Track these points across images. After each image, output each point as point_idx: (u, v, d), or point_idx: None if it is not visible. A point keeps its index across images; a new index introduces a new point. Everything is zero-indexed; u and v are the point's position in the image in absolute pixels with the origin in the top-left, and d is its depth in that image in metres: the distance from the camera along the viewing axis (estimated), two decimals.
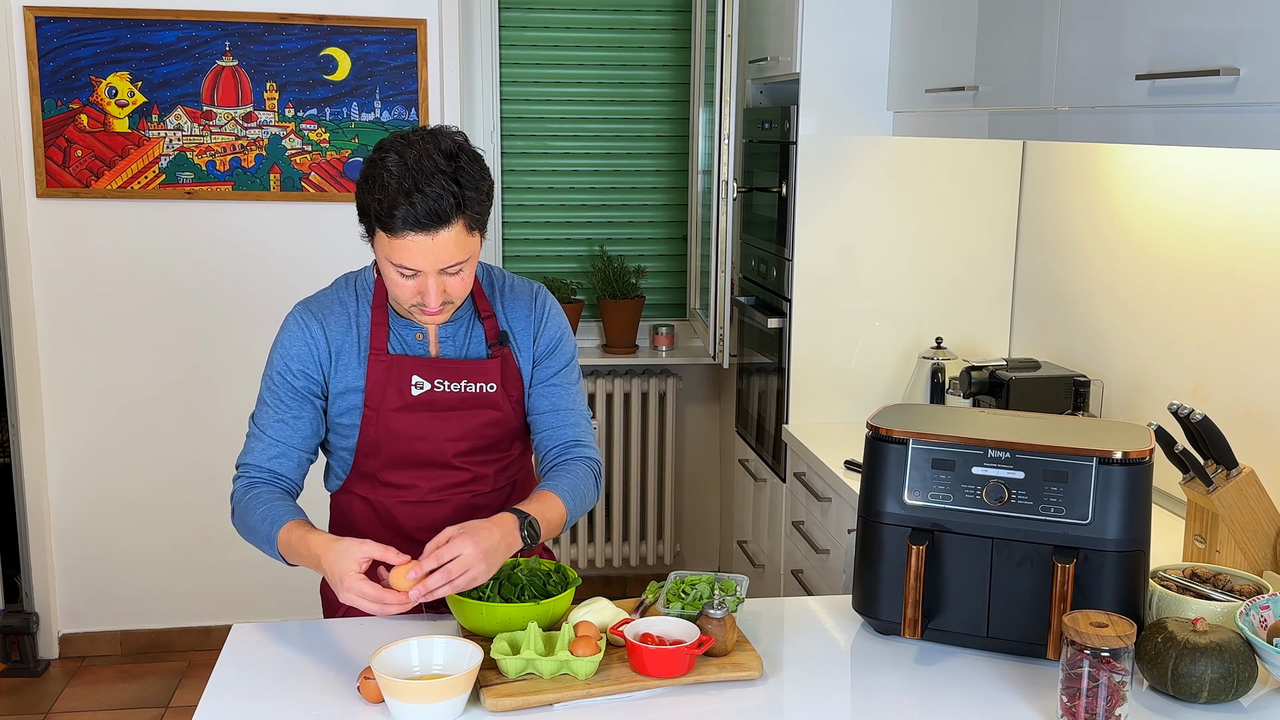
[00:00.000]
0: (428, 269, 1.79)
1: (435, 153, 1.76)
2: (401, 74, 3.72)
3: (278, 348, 1.95)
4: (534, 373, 2.01)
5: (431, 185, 1.74)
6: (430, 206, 1.74)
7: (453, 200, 1.75)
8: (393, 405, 1.92)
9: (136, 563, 3.88)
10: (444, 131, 1.82)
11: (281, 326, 1.96)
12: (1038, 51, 2.35)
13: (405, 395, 1.92)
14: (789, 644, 1.88)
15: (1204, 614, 1.74)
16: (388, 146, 1.80)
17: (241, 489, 1.92)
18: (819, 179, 3.17)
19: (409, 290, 1.82)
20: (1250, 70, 1.72)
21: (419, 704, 1.57)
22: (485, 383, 1.95)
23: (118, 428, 3.79)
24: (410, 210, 1.74)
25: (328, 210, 3.78)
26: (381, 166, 1.77)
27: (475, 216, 1.80)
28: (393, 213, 1.74)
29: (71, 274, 3.69)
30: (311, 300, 1.99)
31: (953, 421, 1.91)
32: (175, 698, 3.64)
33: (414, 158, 1.75)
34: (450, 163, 1.77)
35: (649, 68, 4.27)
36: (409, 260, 1.78)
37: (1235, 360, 2.39)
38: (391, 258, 1.79)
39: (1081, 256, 2.96)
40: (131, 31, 3.58)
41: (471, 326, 1.98)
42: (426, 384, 1.93)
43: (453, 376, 1.93)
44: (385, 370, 1.92)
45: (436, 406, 1.93)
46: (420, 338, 1.95)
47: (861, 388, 3.30)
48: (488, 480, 2.02)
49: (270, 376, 1.95)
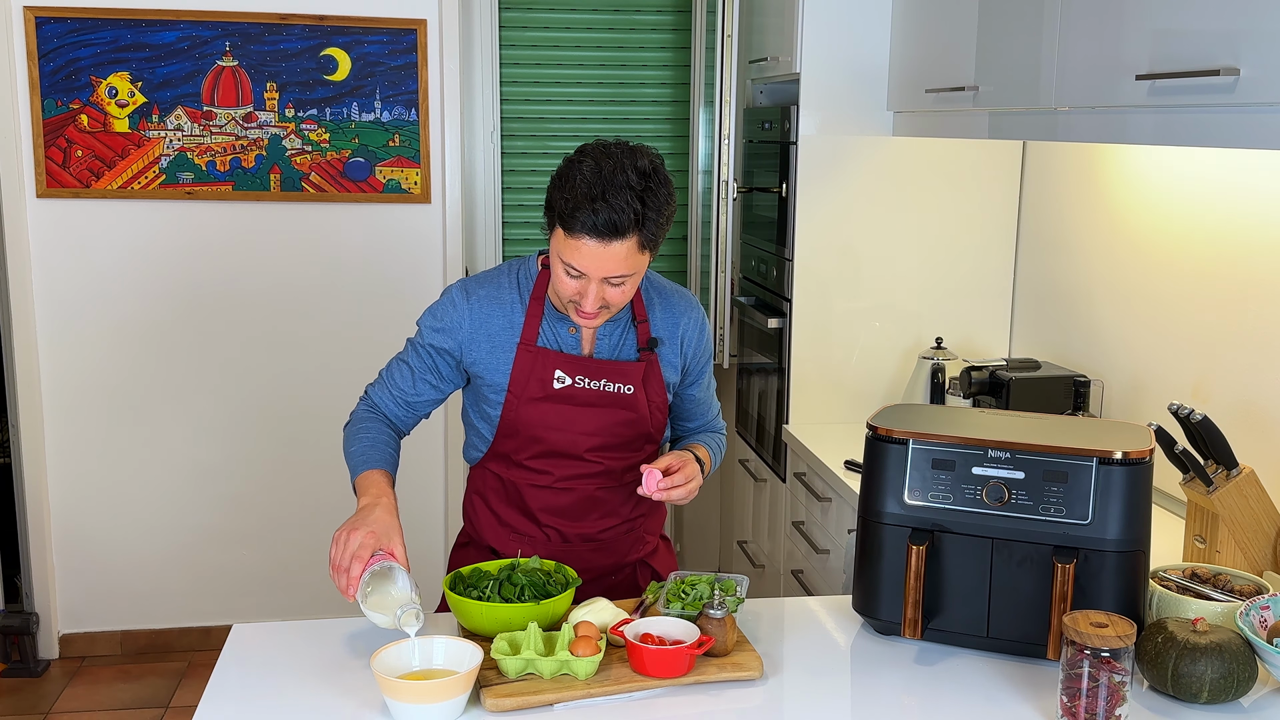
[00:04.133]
0: (593, 274, 1.86)
1: (630, 168, 1.83)
2: (401, 74, 3.72)
3: (430, 314, 2.04)
4: (683, 380, 2.13)
5: (618, 198, 1.81)
6: (610, 217, 1.81)
7: (633, 216, 1.82)
8: (534, 395, 2.00)
9: (136, 563, 3.88)
10: (643, 150, 1.89)
11: (440, 295, 2.06)
12: (1038, 51, 2.35)
13: (547, 387, 2.00)
14: (789, 644, 1.88)
15: (1204, 614, 1.74)
16: (588, 151, 1.87)
17: (362, 412, 2.08)
18: (819, 179, 3.17)
19: (571, 288, 1.90)
20: (1250, 70, 1.72)
21: (419, 704, 1.57)
22: (625, 384, 2.02)
23: (118, 428, 3.80)
24: (591, 216, 1.81)
25: (328, 210, 3.78)
26: (577, 169, 1.84)
27: (650, 237, 1.87)
28: (575, 214, 1.82)
29: (71, 274, 3.69)
30: (472, 281, 2.05)
31: (953, 421, 1.91)
32: (175, 698, 3.64)
33: (609, 168, 1.83)
34: (641, 180, 1.83)
35: (649, 68, 4.27)
36: (578, 262, 1.85)
37: (1235, 360, 2.39)
38: (563, 255, 1.87)
39: (1081, 256, 2.96)
40: (131, 31, 3.58)
41: (627, 330, 2.05)
42: (568, 379, 2.00)
43: (594, 374, 2.01)
44: (530, 361, 1.99)
45: (575, 400, 2.01)
46: (574, 331, 2.02)
47: (861, 388, 3.30)
48: (615, 475, 2.09)
49: (416, 334, 2.07)
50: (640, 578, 2.20)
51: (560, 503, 2.08)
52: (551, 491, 2.07)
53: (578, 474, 2.06)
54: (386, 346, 3.88)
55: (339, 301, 3.85)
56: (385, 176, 3.78)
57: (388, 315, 3.89)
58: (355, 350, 3.89)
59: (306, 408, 3.89)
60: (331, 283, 3.83)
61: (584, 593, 2.07)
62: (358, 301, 3.86)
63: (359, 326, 3.87)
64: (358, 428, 2.05)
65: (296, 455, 3.91)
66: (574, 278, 1.88)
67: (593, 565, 2.12)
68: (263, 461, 3.90)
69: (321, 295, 3.84)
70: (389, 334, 3.89)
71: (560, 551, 2.09)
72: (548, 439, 2.03)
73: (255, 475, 3.90)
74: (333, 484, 3.97)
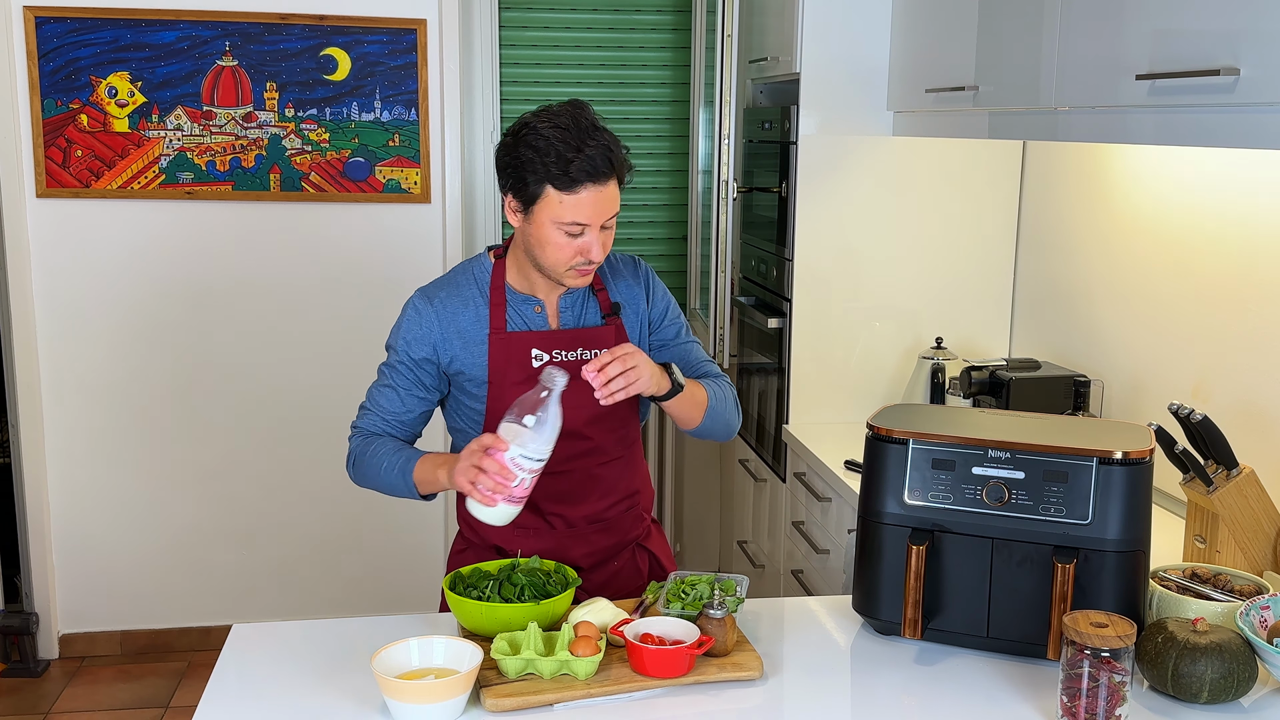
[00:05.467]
0: (595, 221, 1.89)
1: (580, 117, 1.89)
2: (401, 74, 3.72)
3: (397, 331, 2.05)
4: (652, 339, 2.13)
5: (594, 140, 1.87)
6: (602, 155, 1.87)
7: (611, 153, 1.89)
8: (515, 379, 2.00)
9: (136, 563, 3.88)
10: (580, 104, 1.93)
11: (403, 309, 2.06)
12: (1038, 51, 2.35)
13: (526, 368, 2.01)
14: (789, 644, 1.88)
15: (1204, 614, 1.74)
16: (534, 120, 1.89)
17: (357, 444, 2.05)
18: (819, 179, 3.17)
19: (571, 251, 1.91)
20: (1250, 70, 1.72)
21: (419, 704, 1.57)
22: (599, 349, 2.03)
23: (118, 427, 3.80)
24: (586, 161, 1.85)
25: (328, 210, 3.78)
26: (538, 134, 1.86)
27: (622, 172, 1.93)
28: (568, 168, 1.85)
29: (71, 274, 3.69)
30: (429, 287, 2.07)
31: (953, 421, 1.91)
32: (175, 698, 3.64)
33: (567, 121, 1.87)
34: (594, 123, 1.90)
35: (649, 68, 4.27)
36: (581, 214, 1.88)
37: (1235, 360, 2.39)
38: (563, 216, 1.88)
39: (1081, 256, 2.96)
40: (131, 31, 3.58)
41: (587, 299, 2.07)
42: (545, 355, 2.01)
43: (569, 345, 2.02)
44: (505, 346, 2.01)
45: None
46: (539, 310, 2.03)
47: (861, 388, 3.30)
48: (608, 450, 2.11)
49: (389, 351, 2.07)
50: (640, 560, 2.21)
51: (561, 487, 2.07)
52: (550, 477, 2.03)
53: (572, 454, 2.04)
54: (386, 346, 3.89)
55: (339, 301, 3.85)
56: (385, 176, 3.78)
57: (388, 315, 3.86)
58: (355, 350, 3.89)
59: (306, 407, 3.89)
60: (331, 283, 3.83)
61: (593, 577, 2.11)
62: (358, 301, 3.86)
63: (359, 326, 3.87)
64: (370, 451, 2.02)
65: (296, 455, 3.91)
66: (576, 236, 1.90)
67: (598, 547, 2.13)
68: (263, 461, 3.90)
69: (321, 295, 3.84)
70: (388, 333, 3.89)
71: (567, 536, 2.10)
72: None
73: (255, 475, 3.90)
74: (333, 484, 3.97)
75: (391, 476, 1.98)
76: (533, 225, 1.92)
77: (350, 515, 3.98)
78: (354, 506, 3.98)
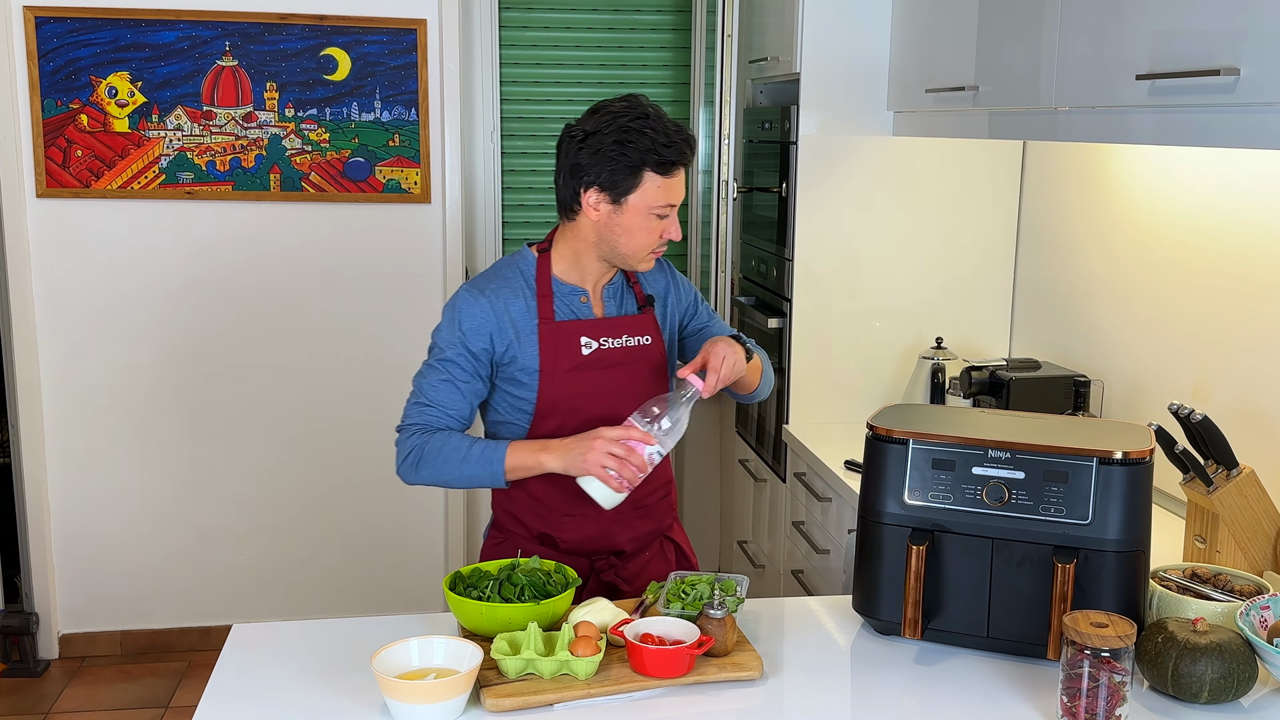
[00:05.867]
0: (679, 202, 2.02)
1: (654, 108, 2.01)
2: (401, 74, 3.72)
3: (452, 326, 2.06)
4: (690, 325, 2.26)
5: (675, 126, 2.00)
6: (686, 140, 2.00)
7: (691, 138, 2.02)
8: (566, 367, 2.06)
9: (136, 563, 3.88)
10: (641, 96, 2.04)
11: (450, 305, 2.07)
12: (1038, 51, 2.35)
13: (576, 356, 2.07)
14: (789, 644, 1.88)
15: (1204, 614, 1.74)
16: (621, 111, 1.98)
17: (417, 440, 2.03)
18: (819, 179, 3.17)
19: (655, 234, 2.02)
20: (1250, 70, 1.72)
21: (419, 704, 1.57)
22: (642, 335, 2.13)
23: (118, 428, 3.80)
24: (684, 146, 1.98)
25: (328, 210, 3.78)
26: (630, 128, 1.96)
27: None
28: (665, 152, 1.96)
29: (71, 274, 3.69)
30: (477, 281, 2.10)
31: (953, 421, 1.91)
32: (175, 698, 3.64)
33: (648, 110, 1.99)
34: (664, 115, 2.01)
35: (649, 68, 4.27)
36: (674, 195, 2.00)
37: (1235, 360, 2.39)
38: (658, 200, 1.99)
39: (1081, 256, 2.96)
40: (131, 31, 3.58)
41: (625, 292, 2.17)
42: (594, 343, 2.08)
43: (614, 333, 2.10)
44: (555, 336, 2.06)
45: (604, 364, 2.09)
46: (584, 301, 2.11)
47: (861, 388, 3.30)
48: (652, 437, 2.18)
49: (440, 348, 2.07)
50: (667, 550, 2.27)
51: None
52: None
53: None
54: (386, 346, 3.90)
55: (339, 301, 3.85)
56: (385, 176, 3.78)
57: (388, 315, 3.89)
58: (355, 350, 3.89)
59: (306, 407, 3.89)
60: (331, 283, 3.83)
61: (629, 565, 2.18)
62: (358, 301, 3.86)
63: (359, 326, 3.88)
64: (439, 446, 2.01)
65: (296, 455, 3.91)
66: (664, 218, 2.01)
67: (640, 533, 2.19)
68: (263, 461, 3.90)
69: (321, 295, 3.84)
70: (389, 334, 3.90)
71: (613, 521, 2.13)
72: (587, 408, 2.07)
73: (255, 475, 3.90)
74: (333, 484, 3.97)
75: (473, 466, 1.99)
76: (623, 213, 2.00)
77: (350, 515, 3.98)
78: (354, 506, 3.98)
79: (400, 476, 2.06)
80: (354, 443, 3.94)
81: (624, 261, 2.06)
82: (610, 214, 2.00)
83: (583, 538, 2.13)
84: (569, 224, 2.07)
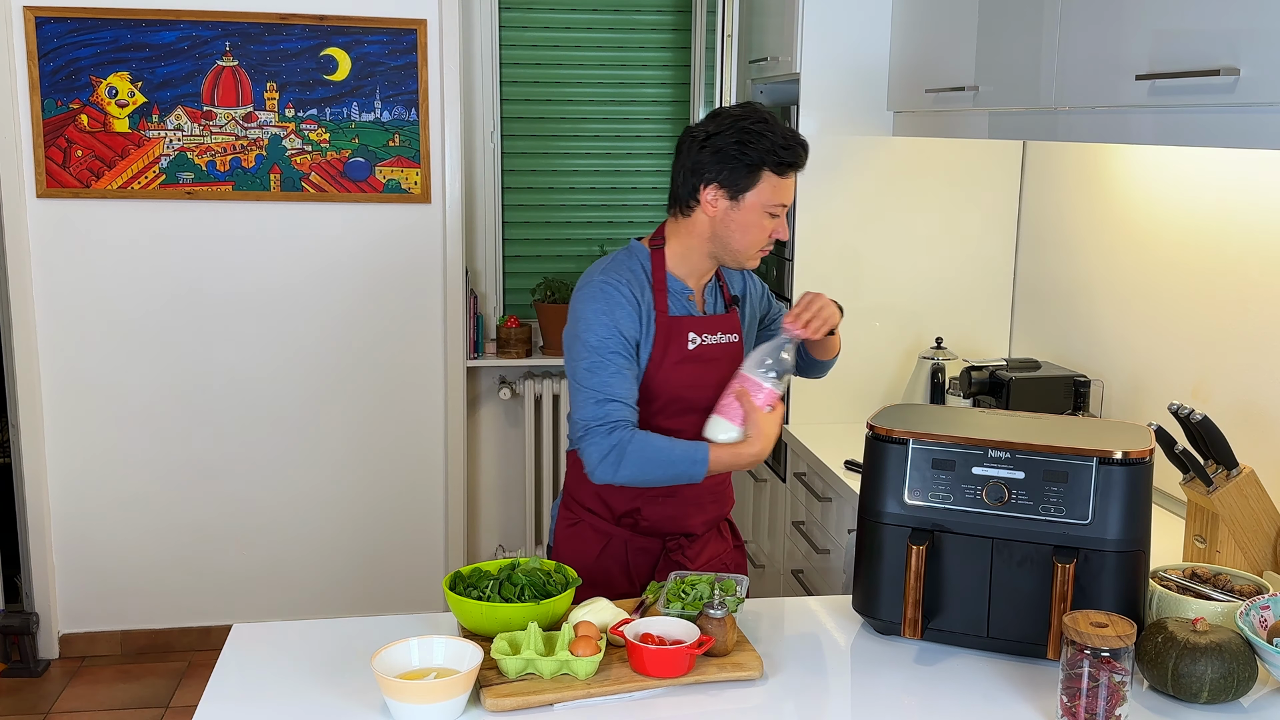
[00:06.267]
0: (789, 202, 2.13)
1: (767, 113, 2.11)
2: (401, 74, 3.72)
3: (608, 316, 2.09)
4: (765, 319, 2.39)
5: (792, 131, 2.10)
6: (805, 145, 2.11)
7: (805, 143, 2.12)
8: (674, 359, 2.16)
9: (136, 563, 3.88)
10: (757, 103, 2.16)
11: (592, 297, 2.11)
12: (1037, 51, 2.35)
13: (683, 350, 2.16)
14: (789, 644, 1.88)
15: (1204, 614, 1.74)
16: (741, 114, 2.09)
17: (615, 438, 2.05)
18: (819, 179, 3.17)
19: (766, 233, 2.12)
20: (1250, 70, 1.72)
21: (419, 704, 1.57)
22: (731, 334, 2.23)
23: (118, 427, 3.80)
24: (800, 149, 2.09)
25: (328, 210, 3.78)
26: (750, 129, 2.06)
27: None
28: (784, 154, 2.07)
29: (71, 274, 3.69)
30: (610, 274, 2.15)
31: (953, 421, 1.91)
32: (175, 698, 3.65)
33: (768, 116, 2.09)
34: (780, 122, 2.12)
35: (649, 68, 4.27)
36: (787, 196, 2.11)
37: (1235, 360, 2.39)
38: (773, 199, 2.09)
39: (1081, 256, 2.96)
40: (131, 31, 3.58)
41: (717, 290, 2.27)
42: (699, 339, 2.18)
43: (713, 330, 2.20)
44: (669, 330, 2.15)
45: (704, 359, 2.18)
46: (691, 299, 2.20)
47: (861, 388, 3.30)
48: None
49: (596, 342, 2.09)
50: (725, 532, 2.38)
51: None
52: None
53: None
54: (386, 346, 3.90)
55: (339, 301, 3.85)
56: (385, 176, 3.78)
57: (388, 315, 3.89)
58: (355, 350, 3.89)
59: (306, 407, 3.89)
60: (331, 282, 3.83)
61: (696, 546, 2.27)
62: (358, 301, 3.86)
63: (359, 326, 3.88)
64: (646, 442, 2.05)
65: (296, 455, 3.91)
66: (774, 216, 2.11)
67: (710, 516, 2.30)
68: (263, 461, 3.90)
69: (321, 295, 3.84)
70: (389, 334, 3.90)
71: (693, 501, 2.23)
72: (682, 397, 2.17)
73: (255, 475, 3.90)
74: (332, 484, 3.97)
75: (676, 466, 2.05)
76: (740, 211, 2.09)
77: (350, 515, 3.98)
78: (354, 506, 3.98)
79: (595, 476, 2.06)
80: (354, 442, 3.94)
81: (733, 258, 2.15)
82: (727, 210, 2.10)
83: (664, 517, 2.22)
84: (682, 220, 2.15)
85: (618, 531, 2.23)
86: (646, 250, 2.19)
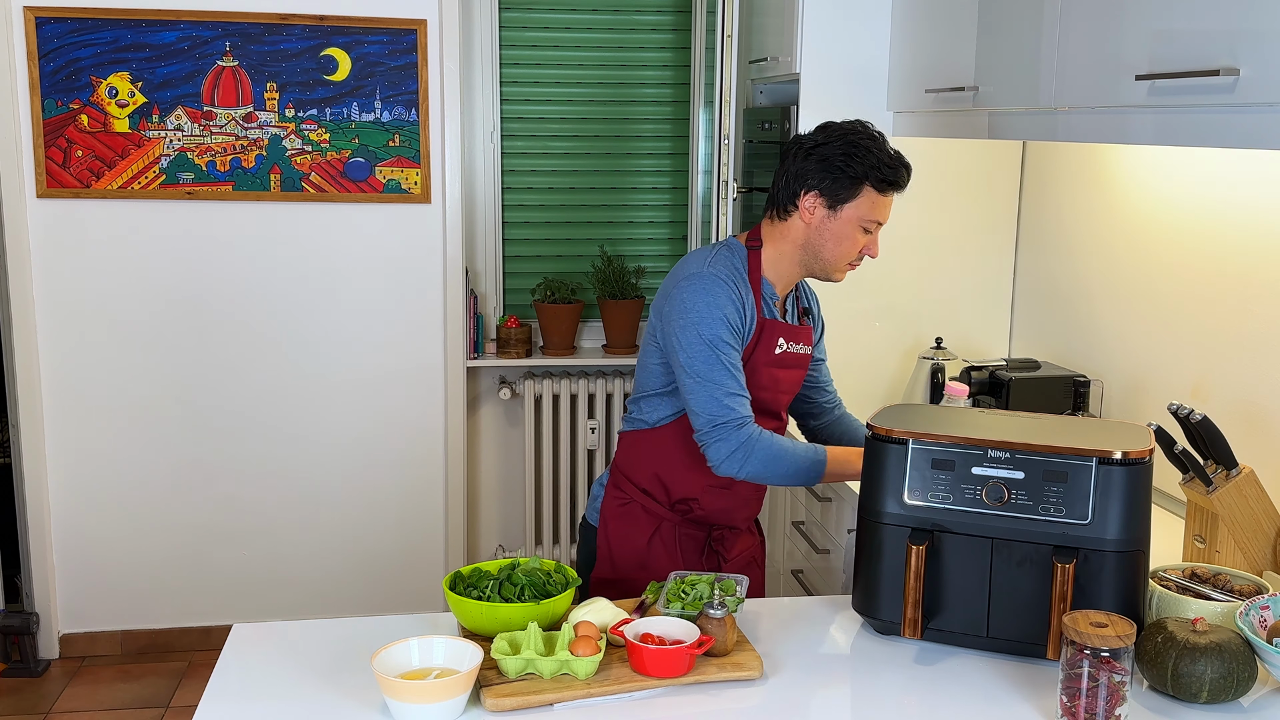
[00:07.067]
0: (885, 220, 2.17)
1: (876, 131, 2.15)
2: (401, 74, 3.72)
3: (713, 309, 2.11)
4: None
5: (899, 153, 2.15)
6: (909, 168, 2.15)
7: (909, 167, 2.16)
8: (762, 361, 2.20)
9: (136, 563, 3.88)
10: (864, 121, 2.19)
11: (705, 289, 2.12)
12: (1037, 52, 2.35)
13: (770, 353, 2.21)
14: (789, 644, 1.88)
15: (1204, 614, 1.74)
16: (850, 129, 2.13)
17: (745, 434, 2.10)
18: None
19: (858, 247, 2.17)
20: (1250, 70, 1.72)
21: (419, 704, 1.57)
22: (805, 344, 2.28)
23: (118, 427, 3.80)
24: (904, 170, 2.13)
25: (328, 210, 3.79)
26: (858, 144, 2.11)
27: None
28: (887, 172, 2.11)
29: (71, 274, 3.69)
30: (715, 269, 2.17)
31: (953, 421, 1.91)
32: (175, 698, 3.65)
33: (877, 134, 2.14)
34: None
35: (649, 68, 4.27)
36: (884, 213, 2.15)
37: (1235, 360, 2.39)
38: (870, 214, 2.13)
39: (1081, 256, 2.96)
40: (132, 31, 3.58)
41: (794, 302, 2.33)
42: (785, 345, 2.23)
43: (794, 339, 2.25)
44: (761, 330, 2.19)
45: (784, 364, 2.24)
46: (776, 304, 2.25)
47: (861, 388, 3.30)
48: (784, 430, 2.37)
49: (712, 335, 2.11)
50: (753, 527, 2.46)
51: None
52: None
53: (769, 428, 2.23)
54: (386, 346, 3.90)
55: (339, 301, 3.85)
56: (385, 176, 3.78)
57: (388, 315, 3.89)
58: (355, 350, 3.89)
59: (307, 407, 3.89)
60: (331, 283, 3.83)
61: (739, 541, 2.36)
62: (358, 301, 3.86)
63: (359, 326, 3.88)
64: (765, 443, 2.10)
65: (296, 455, 3.91)
66: (868, 232, 2.15)
67: (754, 512, 2.39)
68: (263, 461, 3.90)
69: (321, 295, 3.84)
70: (389, 334, 3.90)
71: (746, 496, 2.31)
72: (758, 398, 2.21)
73: (255, 475, 3.90)
74: (333, 484, 3.97)
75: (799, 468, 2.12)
76: (836, 221, 2.14)
77: (350, 515, 3.98)
78: (354, 506, 3.98)
79: (721, 469, 2.11)
80: (354, 442, 3.94)
81: (822, 268, 2.19)
82: (824, 219, 2.14)
83: (718, 509, 2.29)
84: (779, 224, 2.19)
85: (670, 516, 2.27)
86: (744, 249, 2.22)
